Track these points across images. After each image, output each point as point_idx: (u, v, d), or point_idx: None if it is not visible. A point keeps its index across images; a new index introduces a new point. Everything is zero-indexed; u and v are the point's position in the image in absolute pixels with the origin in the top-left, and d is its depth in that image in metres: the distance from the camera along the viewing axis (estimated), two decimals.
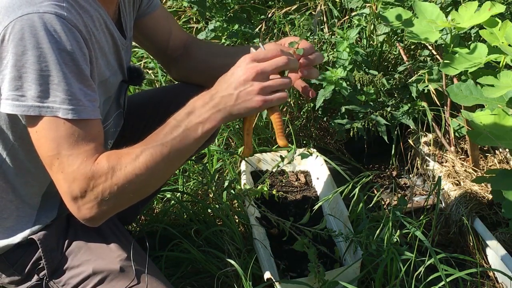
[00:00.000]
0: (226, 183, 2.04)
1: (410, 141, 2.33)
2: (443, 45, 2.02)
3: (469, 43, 2.12)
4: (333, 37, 2.35)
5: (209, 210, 1.96)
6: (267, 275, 1.59)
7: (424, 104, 2.23)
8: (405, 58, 2.34)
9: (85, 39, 1.16)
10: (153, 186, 1.22)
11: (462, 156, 2.18)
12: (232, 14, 2.55)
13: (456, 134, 2.19)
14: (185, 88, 1.67)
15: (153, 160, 1.15)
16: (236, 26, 2.52)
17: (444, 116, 2.16)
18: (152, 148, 1.16)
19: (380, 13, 2.13)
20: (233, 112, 1.18)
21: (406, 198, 2.15)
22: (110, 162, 1.14)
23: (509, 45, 1.74)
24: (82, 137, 1.13)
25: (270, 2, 2.80)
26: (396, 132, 2.29)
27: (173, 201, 2.03)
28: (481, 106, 1.97)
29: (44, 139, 1.13)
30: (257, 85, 1.16)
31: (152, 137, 1.18)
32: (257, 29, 2.56)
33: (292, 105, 2.43)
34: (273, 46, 1.35)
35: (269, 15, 2.62)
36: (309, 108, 2.44)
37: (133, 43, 1.64)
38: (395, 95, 2.31)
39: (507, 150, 2.14)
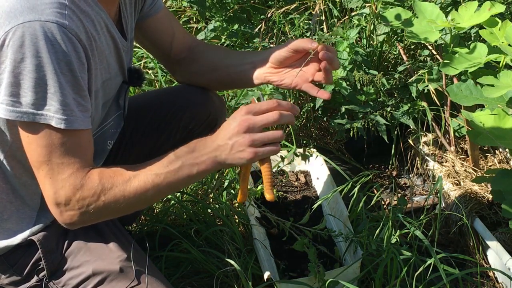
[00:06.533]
0: (226, 183, 2.04)
1: (410, 141, 2.33)
2: (443, 45, 2.02)
3: (469, 43, 2.12)
4: (332, 37, 2.35)
5: (209, 210, 1.96)
6: (267, 275, 1.60)
7: (424, 104, 2.23)
8: (405, 58, 2.33)
9: (84, 48, 1.17)
10: (137, 208, 1.27)
11: (462, 156, 2.18)
12: (232, 14, 2.55)
13: (456, 134, 2.19)
14: (187, 90, 1.67)
15: (144, 187, 1.20)
16: (236, 26, 2.52)
17: (444, 116, 2.15)
18: (145, 175, 1.20)
19: (380, 13, 2.13)
20: (227, 161, 1.22)
21: (406, 198, 2.15)
22: (102, 180, 1.18)
23: (509, 45, 1.74)
24: (74, 146, 1.16)
25: (270, 2, 2.80)
26: (396, 132, 2.29)
27: (173, 201, 2.03)
28: (481, 106, 1.96)
29: (36, 144, 1.15)
30: (247, 137, 1.19)
31: (148, 164, 1.22)
32: (257, 29, 2.56)
33: None
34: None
35: (269, 15, 2.62)
36: (309, 108, 2.43)
37: (137, 45, 1.64)
38: (395, 95, 2.31)
39: (507, 150, 2.14)
